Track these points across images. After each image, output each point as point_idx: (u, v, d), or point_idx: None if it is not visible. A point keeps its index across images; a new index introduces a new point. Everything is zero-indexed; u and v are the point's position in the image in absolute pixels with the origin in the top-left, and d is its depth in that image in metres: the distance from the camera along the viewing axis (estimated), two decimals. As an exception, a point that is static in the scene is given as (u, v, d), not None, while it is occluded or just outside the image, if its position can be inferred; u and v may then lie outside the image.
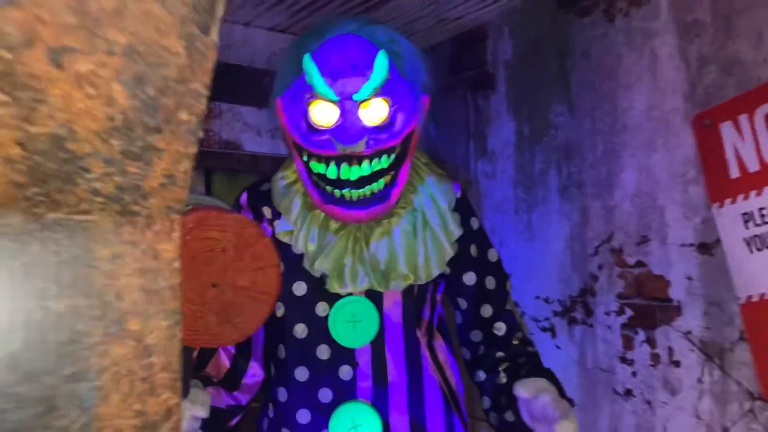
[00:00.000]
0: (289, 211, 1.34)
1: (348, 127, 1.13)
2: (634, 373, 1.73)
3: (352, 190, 1.18)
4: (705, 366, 1.57)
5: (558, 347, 1.93)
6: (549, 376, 1.24)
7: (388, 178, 1.21)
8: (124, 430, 0.39)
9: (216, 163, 2.12)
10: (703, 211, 1.59)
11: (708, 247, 1.57)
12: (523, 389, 1.08)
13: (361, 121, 1.14)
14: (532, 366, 1.29)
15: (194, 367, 1.39)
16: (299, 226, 1.32)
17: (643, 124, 1.71)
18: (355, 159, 1.15)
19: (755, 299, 1.47)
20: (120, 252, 0.40)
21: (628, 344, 1.74)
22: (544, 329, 1.98)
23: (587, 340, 1.85)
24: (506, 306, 1.44)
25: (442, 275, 1.43)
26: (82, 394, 0.38)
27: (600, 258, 1.82)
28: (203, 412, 1.03)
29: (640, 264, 1.72)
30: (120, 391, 0.39)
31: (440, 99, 2.38)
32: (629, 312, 1.74)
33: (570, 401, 1.16)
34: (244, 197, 1.49)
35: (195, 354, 1.43)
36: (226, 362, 1.42)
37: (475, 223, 1.45)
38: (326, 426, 1.30)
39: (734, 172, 1.51)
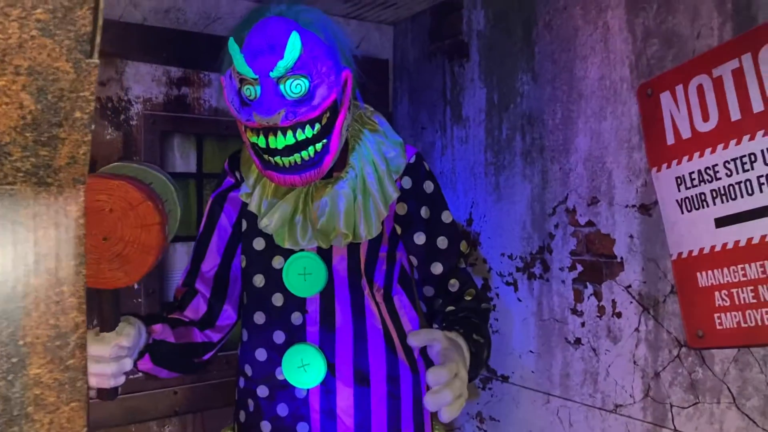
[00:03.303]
0: (248, 176, 1.52)
1: (265, 102, 1.27)
2: (582, 324, 1.88)
3: (283, 158, 1.32)
4: (642, 316, 1.72)
5: (519, 300, 2.09)
6: (473, 329, 1.40)
7: (319, 145, 1.34)
8: (41, 338, 0.56)
9: (206, 129, 2.28)
10: (644, 174, 1.71)
11: (647, 208, 1.71)
12: (414, 338, 1.23)
13: (280, 95, 1.28)
14: (463, 319, 1.44)
15: (166, 307, 1.58)
16: (254, 189, 1.50)
17: (595, 93, 1.83)
18: (279, 130, 1.29)
19: (684, 256, 1.61)
20: (38, 212, 0.56)
21: (579, 297, 1.89)
22: (507, 283, 2.14)
23: (544, 294, 2.01)
24: (459, 264, 1.60)
25: (399, 234, 1.58)
26: (10, 311, 0.55)
27: (556, 218, 1.96)
28: (126, 342, 1.21)
29: (590, 223, 1.86)
30: (38, 310, 0.55)
31: (421, 66, 2.50)
32: (580, 267, 1.89)
33: (478, 353, 1.32)
34: (226, 163, 1.67)
35: (177, 297, 1.62)
36: (203, 306, 1.60)
37: (429, 187, 1.59)
38: (279, 363, 1.49)
39: (670, 139, 1.63)
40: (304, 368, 1.52)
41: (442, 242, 1.58)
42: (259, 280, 1.56)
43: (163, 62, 2.16)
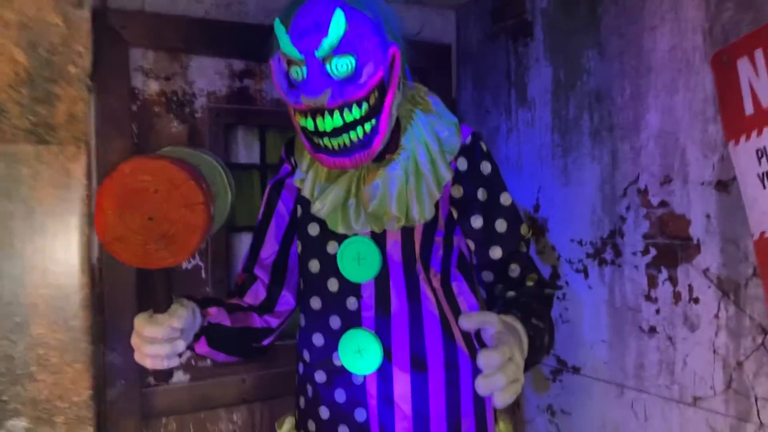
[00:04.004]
0: (301, 161, 1.51)
1: (311, 82, 1.24)
2: (657, 311, 1.77)
3: (331, 139, 1.29)
4: (721, 302, 1.60)
5: (590, 287, 1.99)
6: (532, 314, 1.32)
7: (368, 126, 1.30)
8: (45, 297, 0.55)
9: (268, 121, 2.30)
10: (720, 148, 1.59)
11: (725, 185, 1.58)
12: (466, 321, 1.13)
13: (325, 74, 1.25)
14: (523, 304, 1.37)
15: (228, 294, 1.59)
16: (307, 174, 1.48)
17: (666, 65, 1.72)
18: (326, 111, 1.26)
19: (767, 235, 1.48)
20: (39, 170, 0.56)
21: (653, 283, 1.78)
22: (577, 270, 2.04)
23: (616, 280, 1.90)
24: (520, 248, 1.52)
25: (456, 218, 1.52)
26: (13, 268, 0.55)
27: (627, 199, 1.85)
28: (179, 323, 1.19)
29: (663, 204, 1.74)
30: (40, 269, 0.55)
31: (485, 49, 2.43)
32: (653, 251, 1.78)
33: (536, 338, 1.24)
34: (283, 150, 1.66)
35: (236, 283, 1.63)
36: (262, 292, 1.61)
37: (486, 168, 1.52)
38: (336, 349, 1.47)
39: (749, 109, 1.50)
40: (359, 353, 1.49)
41: (500, 225, 1.51)
42: (314, 266, 1.54)
43: (225, 55, 2.19)
